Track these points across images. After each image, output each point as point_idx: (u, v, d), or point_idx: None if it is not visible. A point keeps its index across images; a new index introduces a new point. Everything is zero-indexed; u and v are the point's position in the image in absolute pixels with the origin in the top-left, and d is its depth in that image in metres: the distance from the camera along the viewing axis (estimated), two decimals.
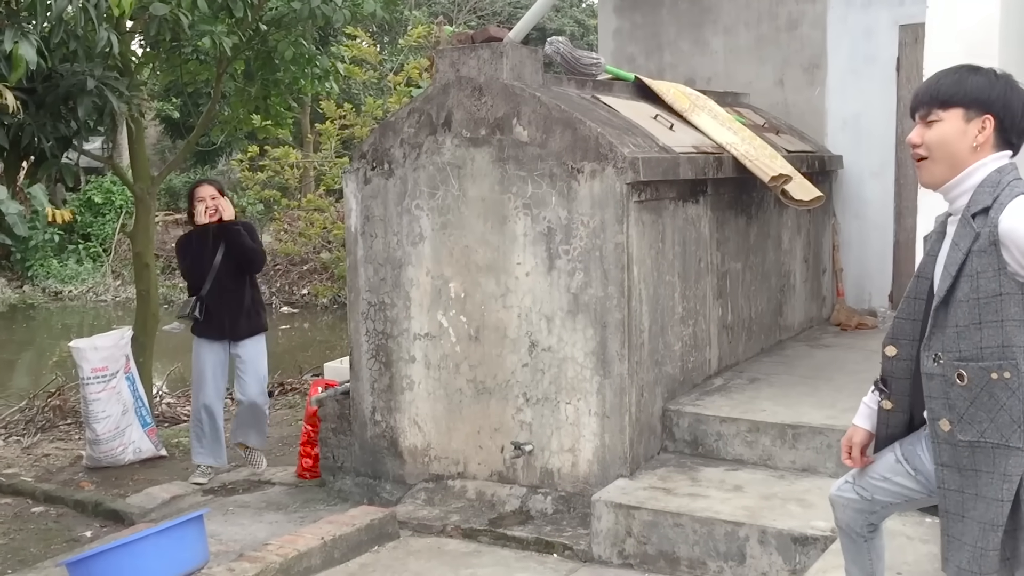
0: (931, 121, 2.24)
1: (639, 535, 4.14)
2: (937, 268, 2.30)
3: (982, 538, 2.21)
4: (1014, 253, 2.11)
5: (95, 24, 3.90)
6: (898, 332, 2.40)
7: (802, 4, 6.94)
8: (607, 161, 4.38)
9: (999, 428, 2.18)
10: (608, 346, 4.46)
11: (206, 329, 5.50)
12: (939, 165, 2.25)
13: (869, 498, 2.54)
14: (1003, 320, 2.14)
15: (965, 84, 2.22)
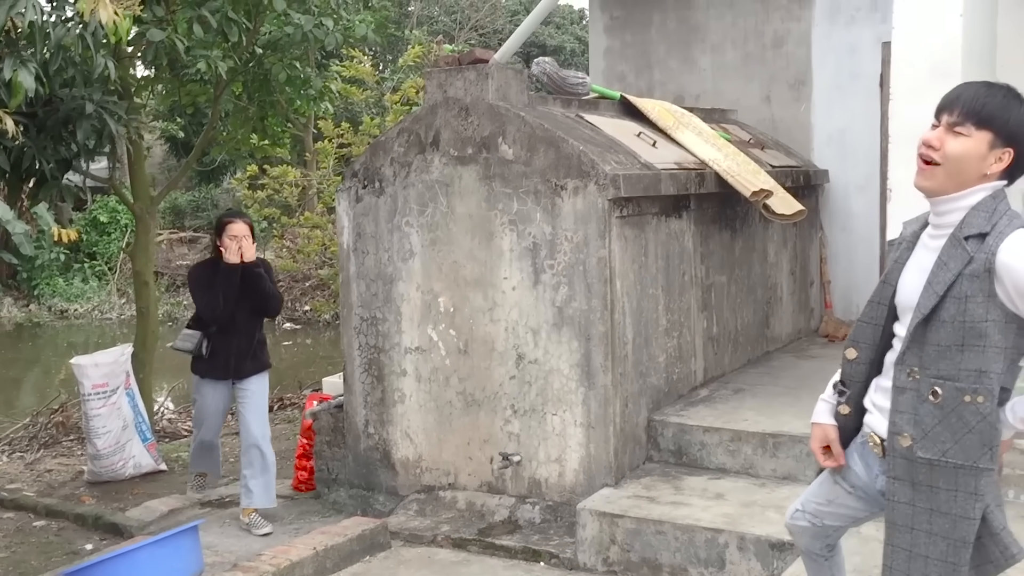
0: (958, 132, 2.17)
1: (623, 543, 4.23)
2: (905, 277, 2.32)
3: (953, 554, 2.23)
4: (1008, 288, 2.12)
5: (92, 51, 4.04)
6: (859, 335, 2.40)
7: (787, 22, 7.08)
8: (589, 178, 4.51)
9: (964, 450, 2.19)
10: (592, 358, 4.58)
11: (210, 368, 5.19)
12: (947, 177, 2.20)
13: (820, 524, 2.60)
14: (986, 346, 2.15)
15: (1008, 112, 2.16)
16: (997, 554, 2.26)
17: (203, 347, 5.14)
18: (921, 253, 2.31)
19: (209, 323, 5.12)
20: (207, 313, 5.10)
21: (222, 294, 5.02)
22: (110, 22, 3.91)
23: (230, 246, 5.04)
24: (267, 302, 5.22)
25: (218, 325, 5.10)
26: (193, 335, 5.16)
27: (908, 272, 2.31)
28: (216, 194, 20.45)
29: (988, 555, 2.27)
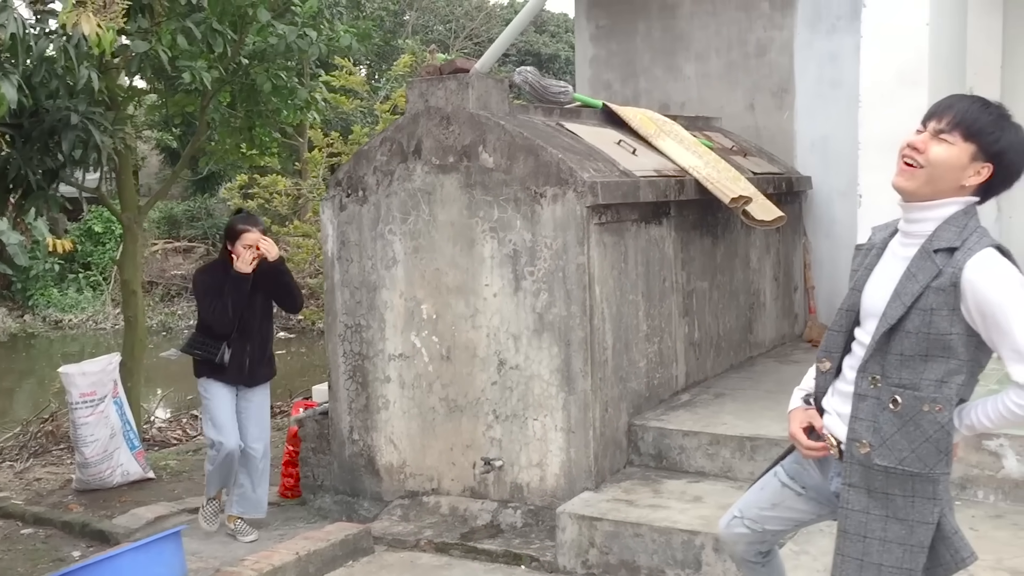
0: (944, 139, 2.21)
1: (601, 545, 4.28)
2: (872, 284, 2.34)
3: (909, 559, 2.26)
4: (970, 305, 2.17)
5: (75, 63, 4.10)
6: (830, 345, 2.42)
7: (770, 31, 7.15)
8: (568, 185, 4.57)
9: (921, 458, 2.23)
10: (572, 363, 4.63)
11: (222, 374, 4.99)
12: (926, 180, 2.23)
13: (760, 530, 2.62)
14: (948, 358, 2.20)
15: (999, 131, 2.20)
16: (948, 558, 2.31)
17: (224, 356, 4.96)
18: (890, 261, 2.34)
19: (216, 331, 4.93)
20: (214, 321, 4.91)
21: (231, 303, 4.88)
22: (93, 34, 3.97)
23: (244, 255, 4.89)
24: (295, 298, 5.16)
25: (228, 332, 4.93)
26: (216, 345, 4.94)
27: (875, 279, 2.35)
28: (211, 204, 20.49)
29: (939, 559, 2.31)
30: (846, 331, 2.40)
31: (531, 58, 24.96)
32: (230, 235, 4.98)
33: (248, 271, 4.89)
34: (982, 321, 2.17)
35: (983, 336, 2.20)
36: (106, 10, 4.19)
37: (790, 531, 2.68)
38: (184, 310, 17.07)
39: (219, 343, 4.95)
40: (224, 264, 5.00)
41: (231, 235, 4.97)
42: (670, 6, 7.48)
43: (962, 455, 3.96)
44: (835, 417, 2.42)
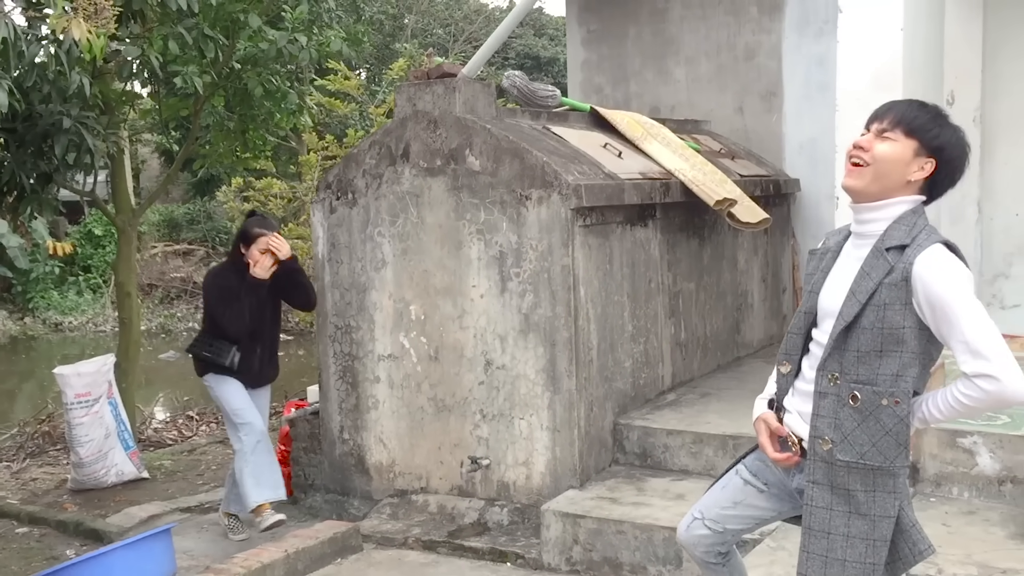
0: (887, 137, 2.30)
1: (585, 542, 4.34)
2: (828, 285, 2.41)
3: (872, 554, 2.32)
4: (920, 298, 2.25)
5: (67, 68, 4.18)
6: (791, 347, 2.48)
7: (758, 35, 7.22)
8: (552, 188, 4.63)
9: (881, 451, 2.30)
10: (557, 363, 4.69)
11: (231, 371, 4.95)
12: (874, 178, 2.30)
13: (720, 530, 2.65)
14: (902, 352, 2.27)
15: (936, 126, 2.31)
16: (907, 551, 2.36)
17: (234, 359, 4.91)
18: (845, 262, 2.41)
19: (230, 336, 4.87)
20: (231, 328, 4.83)
21: (247, 308, 4.82)
22: (84, 40, 4.04)
23: (262, 261, 4.83)
24: (309, 296, 5.11)
25: (242, 337, 4.87)
26: (228, 348, 4.89)
27: (831, 281, 2.42)
28: (211, 207, 20.58)
29: (898, 552, 2.37)
30: (804, 333, 2.46)
31: (530, 61, 25.04)
32: (245, 239, 4.91)
33: (266, 277, 4.85)
34: (931, 314, 2.25)
35: (933, 329, 2.27)
36: (97, 16, 4.26)
37: (750, 529, 2.70)
38: (183, 312, 17.17)
39: (229, 346, 4.89)
40: (236, 267, 4.93)
41: (246, 239, 4.90)
42: (660, 10, 7.55)
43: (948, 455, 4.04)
44: (796, 416, 2.48)
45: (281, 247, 4.88)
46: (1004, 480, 4.00)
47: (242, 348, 4.92)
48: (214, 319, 4.93)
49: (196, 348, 5.03)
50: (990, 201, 5.75)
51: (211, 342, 4.94)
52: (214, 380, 4.97)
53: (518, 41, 25.66)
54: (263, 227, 4.94)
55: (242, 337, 4.89)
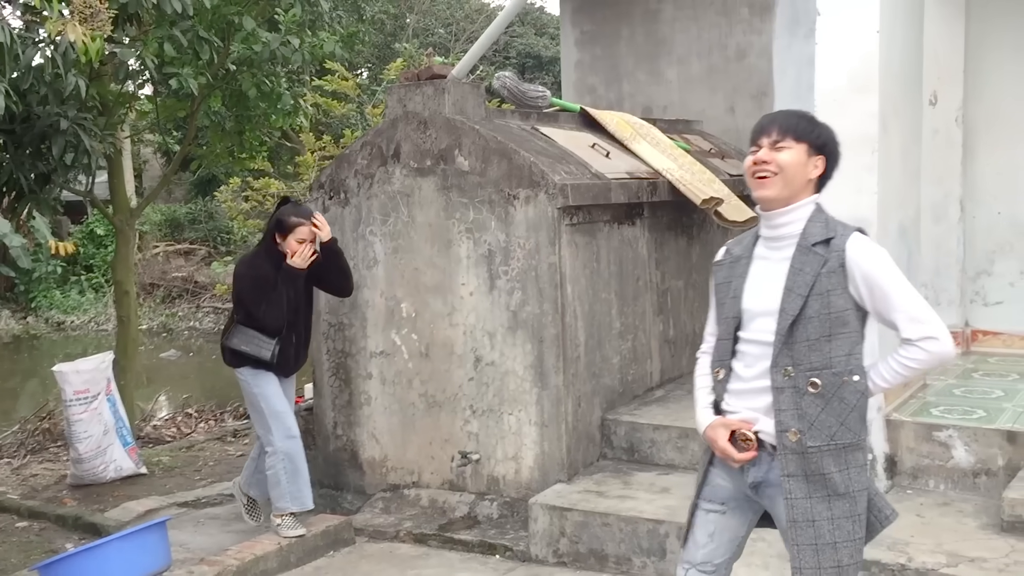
0: (781, 147, 2.48)
1: (571, 535, 4.43)
2: (752, 287, 2.53)
3: (859, 529, 2.43)
4: (857, 280, 2.44)
5: (63, 71, 4.27)
6: (722, 353, 2.59)
7: (749, 35, 7.30)
8: (539, 187, 4.72)
9: (850, 428, 2.43)
10: (545, 360, 4.78)
11: (267, 365, 4.76)
12: (783, 184, 2.48)
13: (712, 569, 2.70)
14: (849, 332, 2.44)
15: (815, 128, 2.55)
16: (874, 519, 2.50)
17: (275, 353, 4.71)
18: (763, 265, 2.55)
19: (268, 328, 4.68)
20: (270, 321, 4.65)
21: (286, 299, 4.66)
22: (80, 43, 4.13)
23: (302, 251, 4.65)
24: (350, 279, 4.95)
25: (281, 328, 4.69)
26: (267, 342, 4.69)
27: (753, 284, 2.54)
28: (212, 206, 20.69)
29: (868, 523, 2.50)
30: (733, 338, 2.57)
31: (532, 60, 25.13)
32: (281, 228, 4.69)
33: (305, 267, 4.68)
34: (869, 294, 2.44)
35: (870, 308, 2.46)
36: (93, 19, 4.35)
37: (735, 553, 2.73)
38: (184, 312, 17.28)
39: (269, 339, 4.69)
40: (270, 255, 4.72)
41: (282, 228, 4.68)
42: (652, 11, 7.64)
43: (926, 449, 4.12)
44: (736, 415, 2.56)
45: (323, 228, 4.71)
46: (978, 472, 4.09)
47: (279, 339, 4.73)
48: (249, 312, 4.69)
49: (233, 341, 4.75)
50: (972, 200, 5.83)
51: (252, 336, 4.71)
52: (251, 375, 4.76)
53: (519, 40, 25.74)
54: (299, 215, 4.72)
55: (280, 330, 4.70)
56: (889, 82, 4.04)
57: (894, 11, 4.13)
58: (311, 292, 4.92)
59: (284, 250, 4.67)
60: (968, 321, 5.94)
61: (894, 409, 4.34)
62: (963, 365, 5.52)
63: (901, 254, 4.50)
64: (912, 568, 3.43)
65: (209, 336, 16.01)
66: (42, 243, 6.18)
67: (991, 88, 5.75)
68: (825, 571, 2.42)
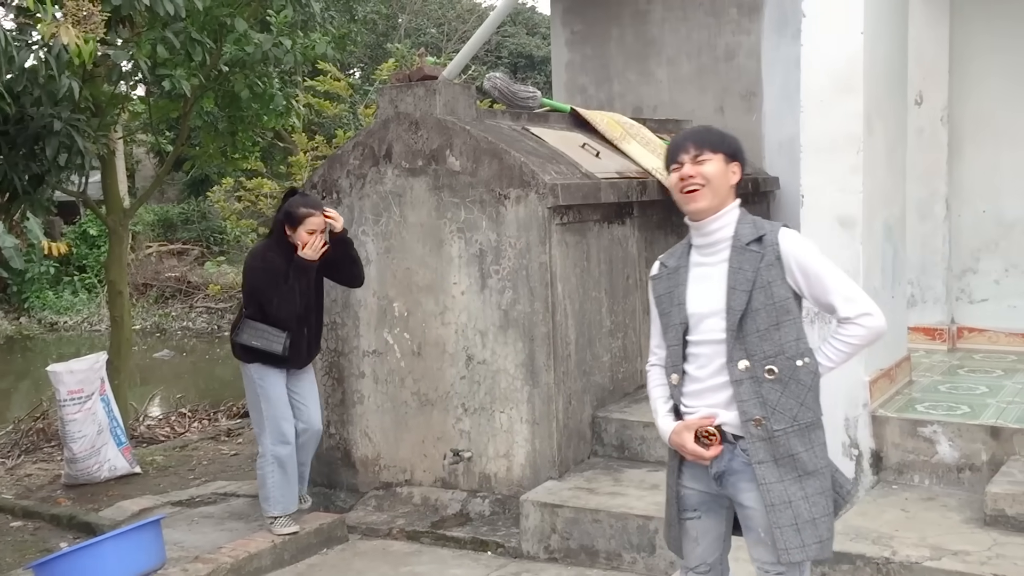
0: (702, 160, 2.62)
1: (562, 531, 4.48)
2: (694, 292, 2.65)
3: (829, 504, 2.58)
4: (793, 268, 2.60)
5: (56, 73, 4.31)
6: (675, 359, 2.69)
7: (738, 36, 7.35)
8: (530, 187, 4.77)
9: (809, 407, 2.57)
10: (536, 358, 4.83)
11: (280, 359, 4.71)
12: (712, 194, 2.61)
13: (708, 569, 2.80)
14: (793, 318, 2.60)
15: (725, 138, 2.71)
16: (836, 495, 2.63)
17: (286, 346, 4.66)
18: (701, 271, 2.66)
19: (280, 320, 4.61)
20: (282, 313, 4.57)
21: (298, 291, 4.59)
22: (73, 45, 4.17)
23: (312, 242, 4.58)
24: (360, 269, 4.90)
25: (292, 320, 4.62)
26: (278, 335, 4.63)
27: (695, 290, 2.67)
28: (205, 206, 20.70)
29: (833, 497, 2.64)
30: (682, 343, 2.68)
31: (524, 60, 25.18)
32: (291, 220, 4.61)
33: (317, 259, 4.62)
34: (805, 280, 2.60)
35: (807, 293, 2.62)
36: (86, 21, 4.39)
37: (725, 548, 2.83)
38: (178, 312, 17.28)
39: (280, 333, 4.62)
40: (281, 247, 4.65)
41: (292, 220, 4.61)
42: (642, 12, 7.68)
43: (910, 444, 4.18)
44: (695, 414, 2.65)
45: (337, 220, 4.68)
46: (963, 468, 4.15)
47: (291, 332, 4.67)
48: (261, 305, 4.64)
49: (242, 336, 4.69)
50: (958, 198, 5.90)
51: (262, 330, 4.65)
52: (260, 373, 4.70)
53: (511, 40, 25.78)
54: (309, 206, 4.65)
55: (292, 322, 4.63)
56: (874, 83, 4.09)
57: (878, 13, 4.19)
58: (322, 283, 4.88)
59: (294, 242, 4.61)
60: (954, 318, 6.01)
61: (880, 405, 4.39)
62: (949, 362, 5.59)
63: (887, 252, 4.56)
64: (896, 561, 3.49)
65: (202, 336, 16.04)
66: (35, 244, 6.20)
67: (976, 88, 5.81)
68: (809, 548, 2.54)
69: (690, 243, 2.72)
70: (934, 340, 5.93)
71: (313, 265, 4.63)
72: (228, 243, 19.45)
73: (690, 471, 2.71)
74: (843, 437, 4.27)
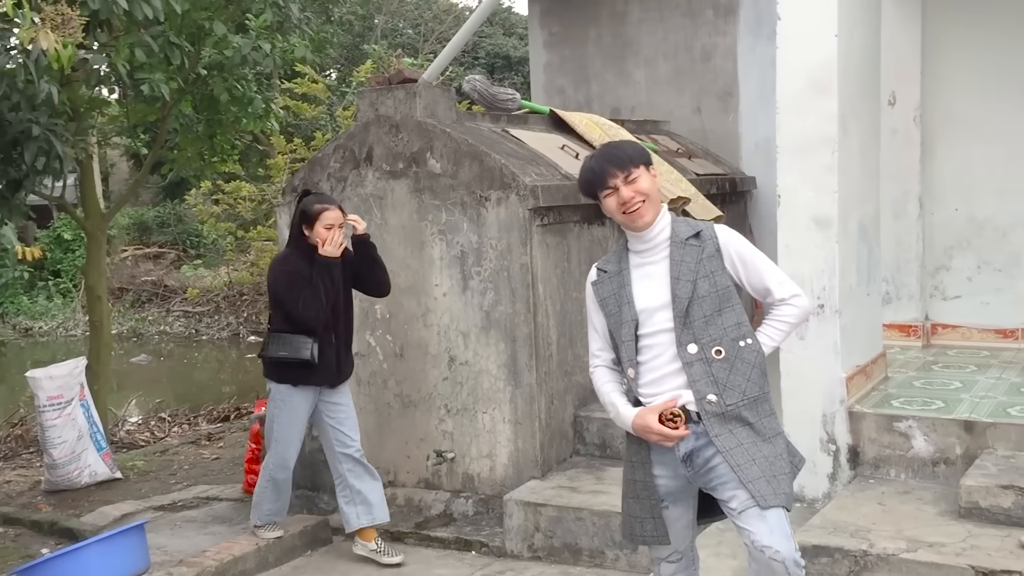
0: (633, 178, 2.77)
1: (546, 530, 4.52)
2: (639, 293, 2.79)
3: (785, 464, 2.77)
4: (733, 257, 2.82)
5: (35, 77, 4.29)
6: (629, 355, 2.81)
7: (714, 37, 7.42)
8: (511, 189, 4.81)
9: (755, 383, 2.76)
10: (518, 358, 4.87)
11: (310, 374, 4.54)
12: (653, 205, 2.79)
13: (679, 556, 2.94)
14: (734, 304, 2.79)
15: (636, 148, 2.89)
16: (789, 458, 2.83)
17: (313, 352, 4.50)
18: (643, 270, 2.82)
19: (306, 325, 4.46)
20: (306, 312, 4.42)
21: (323, 290, 4.45)
22: (52, 50, 4.16)
23: (331, 237, 4.46)
24: (385, 273, 4.77)
25: (319, 324, 4.49)
26: (305, 341, 4.49)
27: (639, 289, 2.81)
28: (181, 209, 20.58)
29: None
30: (635, 338, 2.82)
31: (500, 60, 25.18)
32: (306, 218, 4.52)
33: (338, 255, 4.49)
34: (743, 268, 2.82)
35: (744, 281, 2.82)
36: (65, 26, 4.38)
37: (694, 535, 2.98)
38: (154, 316, 17.17)
39: (306, 339, 4.48)
40: (301, 251, 4.55)
41: (308, 218, 4.51)
42: (619, 13, 7.74)
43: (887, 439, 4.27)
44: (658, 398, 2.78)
45: (359, 223, 4.62)
46: (938, 461, 4.23)
47: (319, 341, 4.51)
48: (286, 311, 4.50)
49: (271, 349, 4.57)
50: (930, 197, 5.99)
51: (285, 339, 4.51)
52: (285, 395, 4.59)
53: (488, 41, 25.78)
54: (322, 201, 4.57)
55: (319, 325, 4.48)
56: (848, 84, 4.16)
57: (852, 14, 4.26)
58: (350, 295, 4.74)
59: (313, 242, 4.50)
60: (928, 315, 6.11)
61: (856, 401, 4.47)
62: (923, 358, 5.68)
63: (862, 251, 4.64)
64: (874, 554, 3.55)
65: (179, 340, 15.95)
66: (8, 248, 6.17)
67: (948, 88, 5.91)
68: (779, 496, 2.69)
69: (627, 248, 2.88)
70: (909, 337, 6.02)
71: (335, 262, 4.49)
72: (205, 246, 19.35)
73: (659, 459, 2.82)
74: (821, 433, 4.35)
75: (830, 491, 4.31)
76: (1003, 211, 5.89)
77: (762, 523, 2.68)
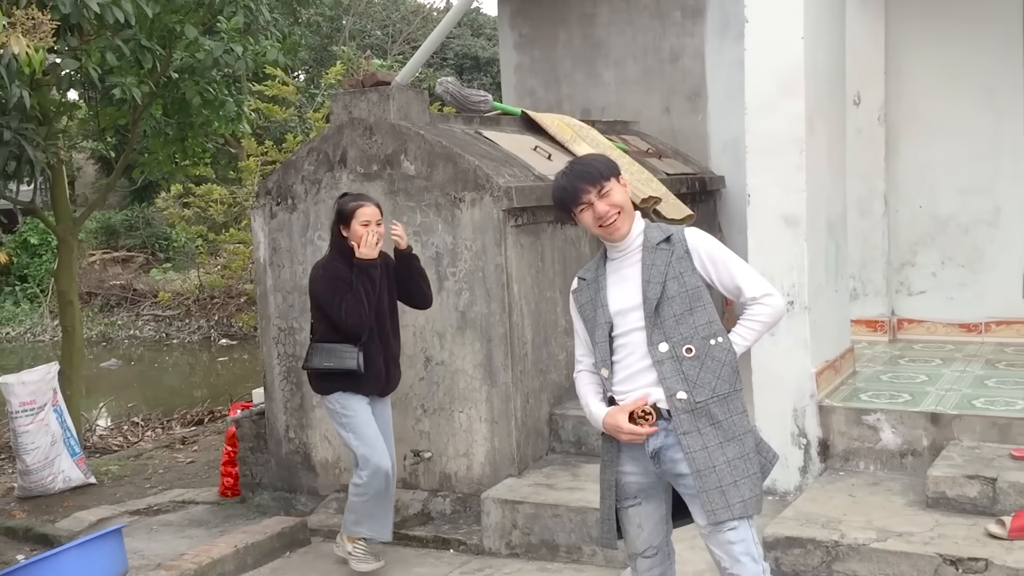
0: (606, 191, 2.81)
1: (523, 527, 4.57)
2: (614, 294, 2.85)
3: (752, 465, 2.79)
4: (703, 258, 2.86)
5: (7, 82, 4.28)
6: (603, 355, 2.87)
7: (682, 38, 7.52)
8: (484, 190, 4.86)
9: (726, 380, 2.80)
10: (493, 358, 4.92)
11: (359, 384, 4.39)
12: (628, 217, 2.85)
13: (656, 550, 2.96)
14: (705, 304, 2.83)
15: (604, 160, 2.93)
16: (763, 459, 2.88)
17: (359, 360, 4.34)
18: (618, 275, 2.89)
19: (350, 330, 4.31)
20: (351, 318, 4.25)
21: (364, 293, 4.27)
22: (23, 54, 4.14)
23: (365, 237, 4.29)
24: (428, 285, 4.63)
25: (363, 330, 4.32)
26: (350, 351, 4.33)
27: (614, 292, 2.88)
28: (149, 213, 20.39)
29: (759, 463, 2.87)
30: (609, 339, 2.88)
31: (469, 61, 25.20)
32: (343, 217, 4.36)
33: (375, 255, 4.31)
34: (714, 268, 2.86)
35: (716, 281, 2.87)
36: (36, 30, 4.36)
37: (668, 530, 3.00)
38: (124, 320, 17.01)
39: (351, 347, 4.32)
40: (343, 254, 4.38)
41: (344, 217, 4.35)
42: (588, 15, 7.81)
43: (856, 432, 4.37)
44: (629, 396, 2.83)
45: (402, 237, 4.49)
46: (905, 453, 4.33)
47: (364, 349, 4.36)
48: (330, 317, 4.34)
49: (314, 361, 4.41)
50: (895, 195, 6.12)
51: (328, 350, 4.35)
52: (342, 401, 4.38)
53: (456, 42, 25.78)
54: (357, 199, 4.42)
55: (364, 331, 4.32)
56: (815, 85, 4.25)
57: (818, 16, 4.35)
58: (394, 299, 4.59)
59: (351, 243, 4.34)
60: (894, 310, 6.24)
61: (826, 396, 4.56)
62: (890, 352, 5.80)
63: (830, 248, 4.73)
64: (845, 544, 3.64)
65: (149, 345, 15.81)
66: None
67: (910, 87, 6.04)
68: (734, 507, 2.73)
69: (605, 255, 2.94)
70: (876, 332, 6.14)
71: (374, 262, 4.31)
72: (174, 249, 19.18)
73: (629, 455, 2.88)
74: (792, 427, 4.44)
75: (801, 484, 4.39)
76: (965, 208, 6.02)
77: (726, 548, 2.77)
